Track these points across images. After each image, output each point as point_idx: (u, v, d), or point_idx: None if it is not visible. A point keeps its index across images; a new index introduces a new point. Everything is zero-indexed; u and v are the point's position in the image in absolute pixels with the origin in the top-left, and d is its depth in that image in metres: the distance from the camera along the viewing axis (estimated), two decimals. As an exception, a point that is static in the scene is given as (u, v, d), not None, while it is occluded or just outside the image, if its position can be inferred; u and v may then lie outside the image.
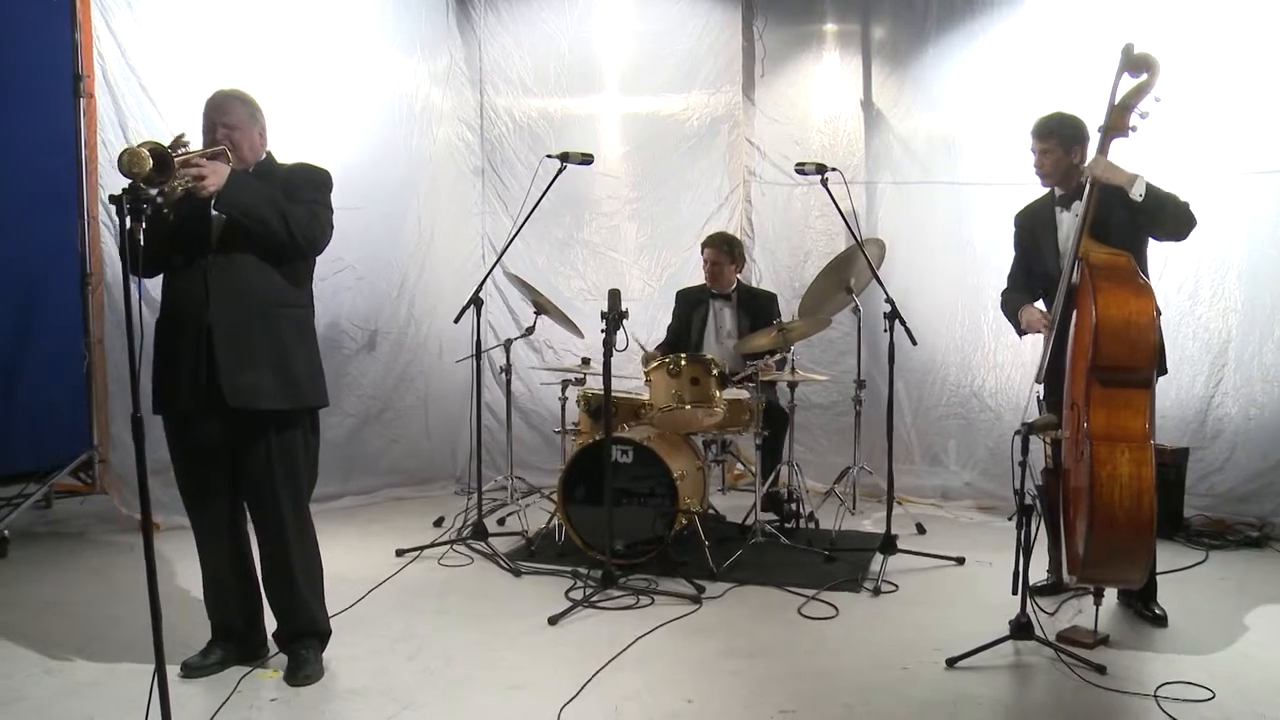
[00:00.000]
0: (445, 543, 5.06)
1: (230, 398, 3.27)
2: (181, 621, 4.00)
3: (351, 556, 4.89)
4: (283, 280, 3.39)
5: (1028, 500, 3.61)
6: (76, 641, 3.81)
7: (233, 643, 3.56)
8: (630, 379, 5.84)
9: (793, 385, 5.18)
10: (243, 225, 3.23)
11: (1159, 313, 3.63)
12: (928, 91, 6.17)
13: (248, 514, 3.57)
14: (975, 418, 6.07)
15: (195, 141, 3.39)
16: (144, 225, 2.62)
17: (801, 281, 6.48)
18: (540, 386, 6.53)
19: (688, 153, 6.63)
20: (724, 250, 5.76)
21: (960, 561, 4.81)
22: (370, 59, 6.14)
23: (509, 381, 5.51)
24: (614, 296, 4.36)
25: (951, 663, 3.54)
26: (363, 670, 3.56)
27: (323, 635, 3.59)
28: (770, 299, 5.89)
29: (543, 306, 5.38)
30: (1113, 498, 3.43)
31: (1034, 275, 4.21)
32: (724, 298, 5.81)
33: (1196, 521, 5.22)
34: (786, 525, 5.26)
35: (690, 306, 5.89)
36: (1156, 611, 3.95)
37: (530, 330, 5.51)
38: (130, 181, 2.63)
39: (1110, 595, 4.03)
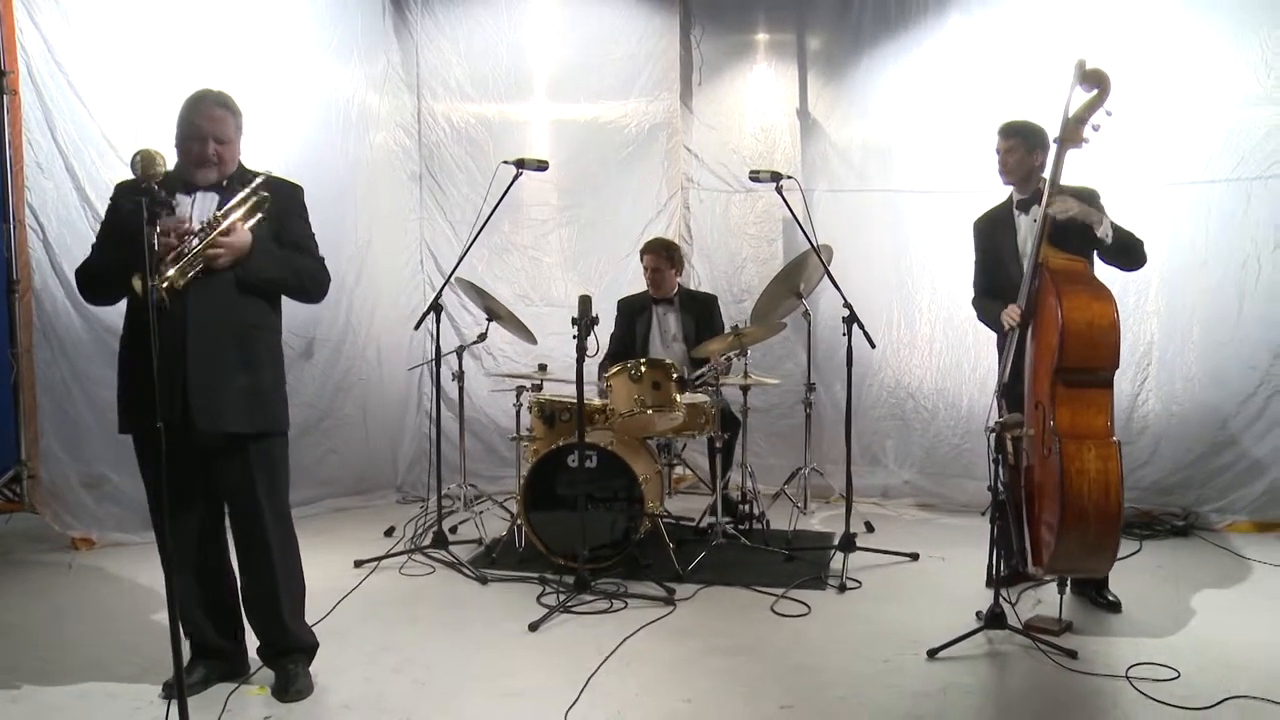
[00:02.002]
0: (405, 552, 5.00)
1: (200, 420, 3.17)
2: (147, 640, 3.88)
3: (308, 569, 4.66)
4: (260, 304, 3.34)
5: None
6: (34, 666, 3.64)
7: (214, 659, 3.46)
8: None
9: (745, 389, 5.27)
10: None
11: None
12: (863, 101, 6.35)
13: (226, 529, 3.48)
14: (911, 418, 6.28)
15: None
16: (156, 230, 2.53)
17: (740, 287, 6.63)
18: (485, 394, 6.49)
19: (626, 159, 6.67)
20: (664, 256, 5.81)
21: (915, 557, 4.97)
22: (305, 63, 5.99)
23: (461, 388, 5.46)
24: (584, 303, 4.38)
25: (932, 654, 3.67)
26: (350, 684, 3.50)
27: (309, 649, 3.52)
28: (712, 300, 5.99)
29: (495, 312, 5.35)
30: (1082, 492, 3.61)
31: (993, 278, 4.38)
32: (666, 302, 5.86)
33: (1126, 514, 5.49)
34: (740, 527, 5.34)
35: (633, 314, 5.93)
36: (1110, 598, 4.17)
37: (483, 336, 5.47)
38: (145, 184, 2.53)
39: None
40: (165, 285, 2.89)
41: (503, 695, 3.40)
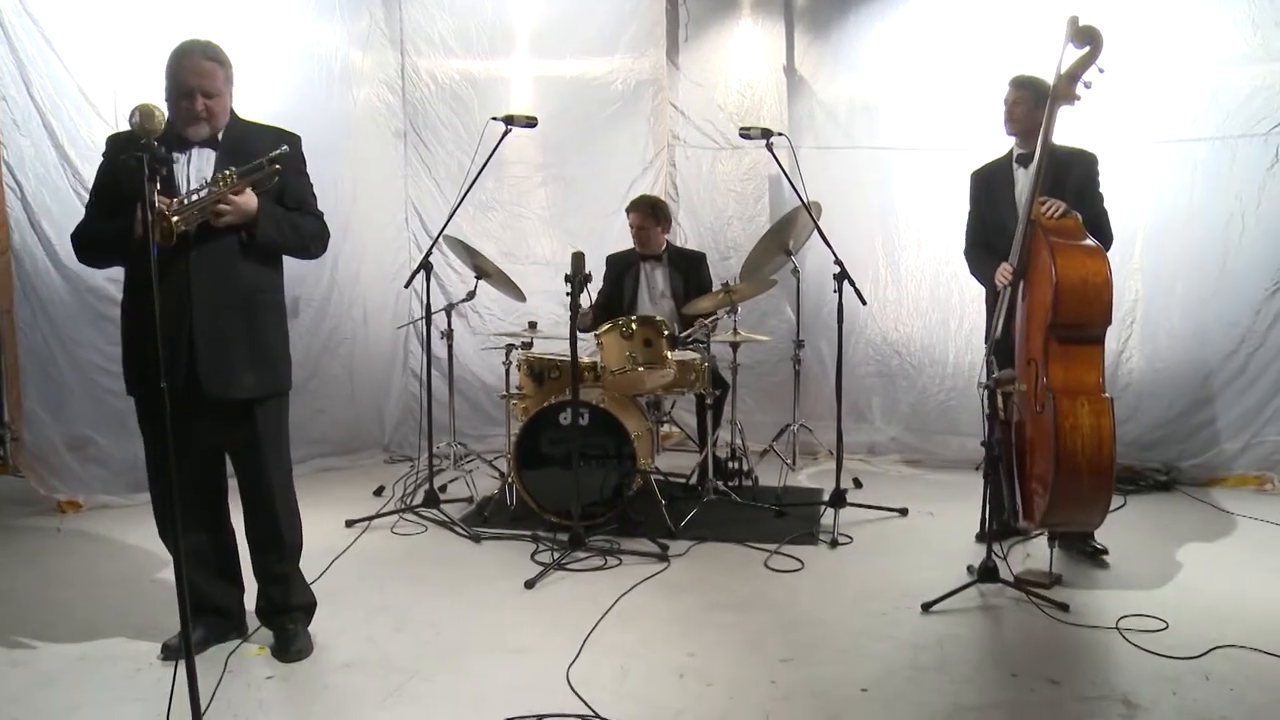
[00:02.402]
0: (396, 511, 5.00)
1: (208, 385, 3.14)
2: (141, 602, 3.87)
3: (300, 528, 4.77)
4: (263, 267, 3.30)
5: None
6: (31, 629, 3.61)
7: (213, 618, 3.44)
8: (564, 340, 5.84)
9: (735, 346, 5.28)
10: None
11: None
12: (850, 58, 6.32)
13: (224, 489, 3.47)
14: (898, 375, 6.33)
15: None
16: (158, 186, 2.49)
17: (726, 243, 6.62)
18: (471, 353, 6.46)
19: (612, 116, 6.62)
20: (649, 214, 5.77)
21: (904, 513, 5.02)
22: (286, 17, 5.89)
23: (450, 347, 5.44)
24: (578, 260, 4.35)
25: (926, 607, 3.72)
26: (351, 643, 3.50)
27: (308, 608, 3.52)
28: (701, 258, 5.97)
29: (484, 270, 5.32)
30: (1075, 448, 3.64)
31: (989, 230, 4.38)
32: (655, 259, 5.84)
33: (1110, 468, 5.58)
34: (730, 483, 5.37)
35: (621, 270, 5.91)
36: (1097, 545, 4.25)
37: (472, 294, 5.44)
38: (145, 139, 2.47)
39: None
40: (175, 217, 2.87)
41: (505, 652, 3.42)
